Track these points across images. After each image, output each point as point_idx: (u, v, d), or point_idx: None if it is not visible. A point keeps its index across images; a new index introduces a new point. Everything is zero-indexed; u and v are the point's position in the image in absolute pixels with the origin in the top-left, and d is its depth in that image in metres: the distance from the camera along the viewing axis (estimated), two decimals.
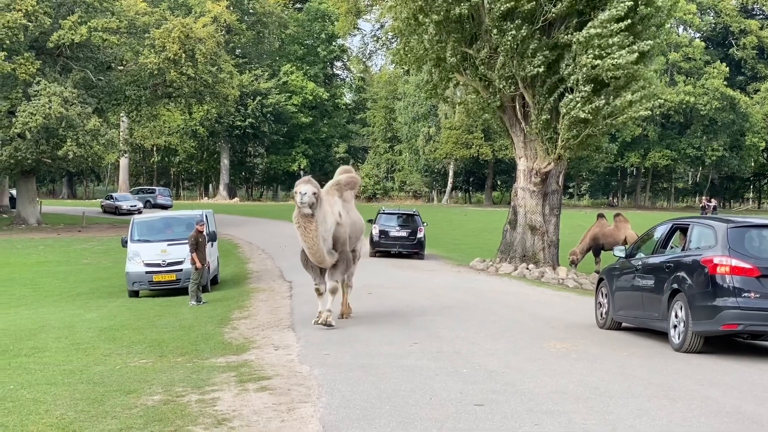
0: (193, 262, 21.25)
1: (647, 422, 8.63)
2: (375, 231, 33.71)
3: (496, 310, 18.58)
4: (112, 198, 68.10)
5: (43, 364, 12.06)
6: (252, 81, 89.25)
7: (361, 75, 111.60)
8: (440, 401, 9.32)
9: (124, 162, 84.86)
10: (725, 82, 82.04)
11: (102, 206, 68.16)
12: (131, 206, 63.41)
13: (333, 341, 13.66)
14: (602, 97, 25.69)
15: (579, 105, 25.57)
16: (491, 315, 17.50)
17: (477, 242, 41.32)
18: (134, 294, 23.63)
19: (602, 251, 29.92)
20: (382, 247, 33.75)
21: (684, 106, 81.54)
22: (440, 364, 11.62)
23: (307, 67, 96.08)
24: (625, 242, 26.63)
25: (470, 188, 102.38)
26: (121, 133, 53.65)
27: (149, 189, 78.15)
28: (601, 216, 31.64)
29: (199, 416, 8.74)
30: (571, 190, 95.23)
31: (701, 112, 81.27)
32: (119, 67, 55.00)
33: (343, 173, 17.14)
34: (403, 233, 33.81)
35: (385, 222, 34.26)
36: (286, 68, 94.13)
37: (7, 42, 47.40)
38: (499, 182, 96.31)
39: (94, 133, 48.58)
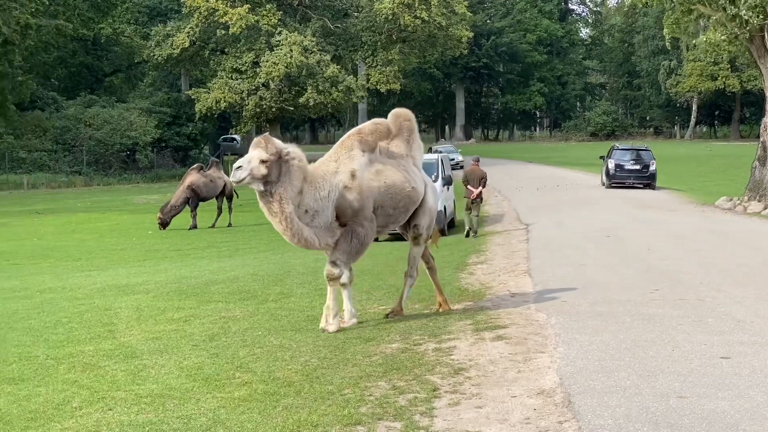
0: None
1: None
2: (611, 165, 36.57)
3: (744, 253, 17.67)
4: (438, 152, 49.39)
5: (288, 310, 12.48)
6: (485, 20, 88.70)
7: (598, 9, 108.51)
8: (683, 353, 8.92)
9: (362, 107, 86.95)
10: None
11: None
12: (455, 164, 47.81)
13: (570, 288, 13.39)
14: None
15: None
16: (738, 258, 16.64)
17: (723, 180, 39.50)
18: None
19: None
20: (618, 180, 36.27)
21: None
22: (683, 312, 11.15)
23: (542, 4, 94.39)
24: None
25: (715, 122, 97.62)
26: (358, 79, 54.77)
27: None
28: None
29: (436, 365, 8.77)
30: None
31: None
32: (355, 14, 56.10)
33: (396, 117, 12.06)
34: (637, 166, 36.43)
35: (620, 157, 36.93)
36: (520, 5, 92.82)
37: None
38: (747, 115, 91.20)
39: (332, 80, 50.04)
